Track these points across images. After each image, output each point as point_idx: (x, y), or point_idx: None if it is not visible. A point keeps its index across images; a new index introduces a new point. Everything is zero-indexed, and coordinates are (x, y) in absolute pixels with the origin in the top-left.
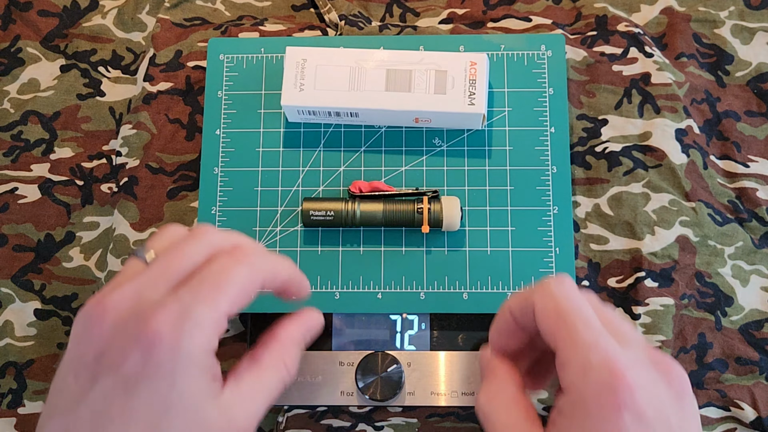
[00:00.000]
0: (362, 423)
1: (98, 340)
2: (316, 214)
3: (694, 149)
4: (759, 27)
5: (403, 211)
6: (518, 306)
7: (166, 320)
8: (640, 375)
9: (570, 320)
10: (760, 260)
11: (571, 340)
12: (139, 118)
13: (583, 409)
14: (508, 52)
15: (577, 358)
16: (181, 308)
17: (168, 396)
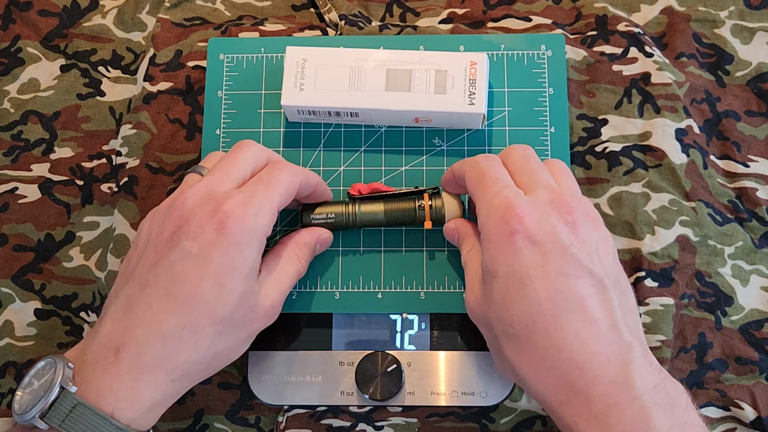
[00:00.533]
0: (362, 423)
1: (178, 218)
2: (317, 218)
3: (694, 149)
4: (759, 27)
5: (405, 209)
6: (457, 170)
7: (236, 203)
8: (531, 208)
9: (483, 180)
10: (760, 260)
11: (482, 192)
12: (139, 117)
13: (487, 240)
14: (508, 51)
15: (485, 204)
16: (245, 198)
17: (235, 260)
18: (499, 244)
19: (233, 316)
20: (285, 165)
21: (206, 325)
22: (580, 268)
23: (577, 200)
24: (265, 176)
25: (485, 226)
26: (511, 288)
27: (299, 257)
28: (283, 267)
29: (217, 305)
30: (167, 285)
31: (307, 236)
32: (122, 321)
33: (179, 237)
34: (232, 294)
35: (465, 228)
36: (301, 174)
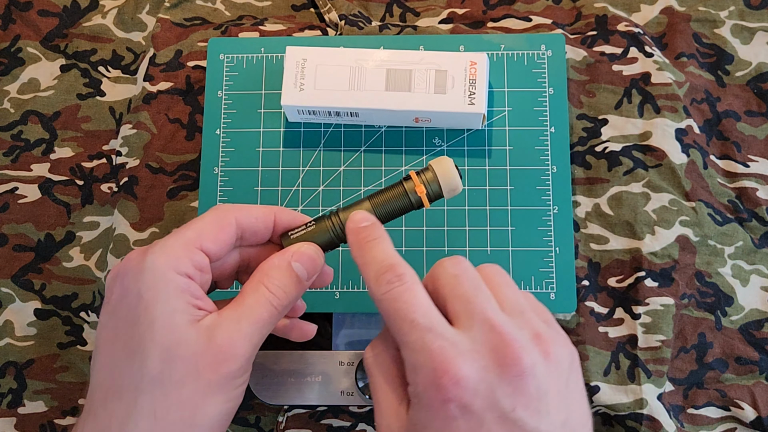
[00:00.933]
0: (362, 423)
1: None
2: (294, 232)
3: (694, 149)
4: (759, 27)
5: (395, 197)
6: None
7: (135, 252)
8: (468, 366)
9: (401, 318)
10: (760, 260)
11: (402, 341)
12: (139, 117)
13: (418, 404)
14: (508, 51)
15: (408, 359)
16: (149, 246)
17: (137, 310)
18: (430, 409)
19: (162, 373)
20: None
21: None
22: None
23: (524, 333)
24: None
25: (413, 383)
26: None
27: (267, 285)
28: (242, 301)
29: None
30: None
31: (276, 258)
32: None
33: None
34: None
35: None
36: (237, 208)
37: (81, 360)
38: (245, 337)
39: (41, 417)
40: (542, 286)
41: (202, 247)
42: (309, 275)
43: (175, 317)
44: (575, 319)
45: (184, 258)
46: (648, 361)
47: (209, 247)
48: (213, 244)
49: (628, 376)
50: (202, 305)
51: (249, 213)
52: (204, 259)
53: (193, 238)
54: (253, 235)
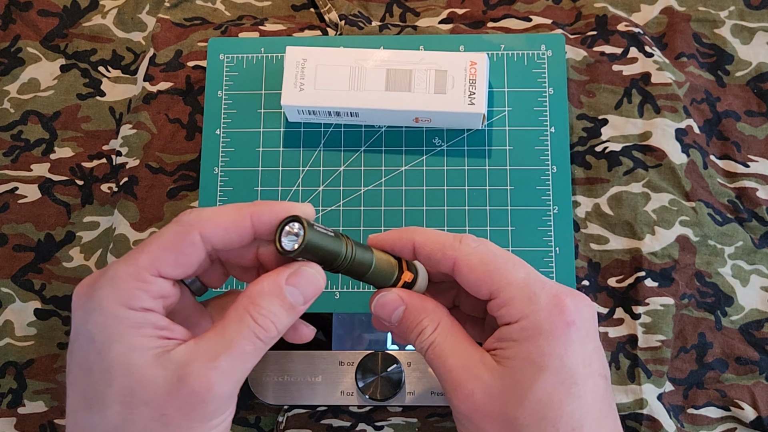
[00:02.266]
0: (362, 423)
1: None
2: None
3: (694, 149)
4: (759, 27)
5: (388, 273)
6: (431, 257)
7: (84, 283)
8: (573, 298)
9: (500, 266)
10: (760, 260)
11: (508, 281)
12: (139, 117)
13: (536, 330)
14: (508, 51)
15: (521, 293)
16: (101, 272)
17: (90, 355)
18: (554, 335)
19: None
20: (178, 218)
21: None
22: (608, 370)
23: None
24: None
25: (530, 315)
26: (560, 386)
27: (252, 315)
28: (222, 333)
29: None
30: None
31: (267, 282)
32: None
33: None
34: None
35: (419, 303)
36: (199, 217)
37: None
38: (223, 375)
39: (41, 417)
40: None
41: (159, 273)
42: (306, 300)
43: (133, 358)
44: None
45: (135, 291)
46: (648, 361)
47: (169, 272)
48: (173, 268)
49: (628, 376)
50: (169, 334)
51: (217, 225)
52: (164, 287)
53: (147, 265)
54: (228, 247)
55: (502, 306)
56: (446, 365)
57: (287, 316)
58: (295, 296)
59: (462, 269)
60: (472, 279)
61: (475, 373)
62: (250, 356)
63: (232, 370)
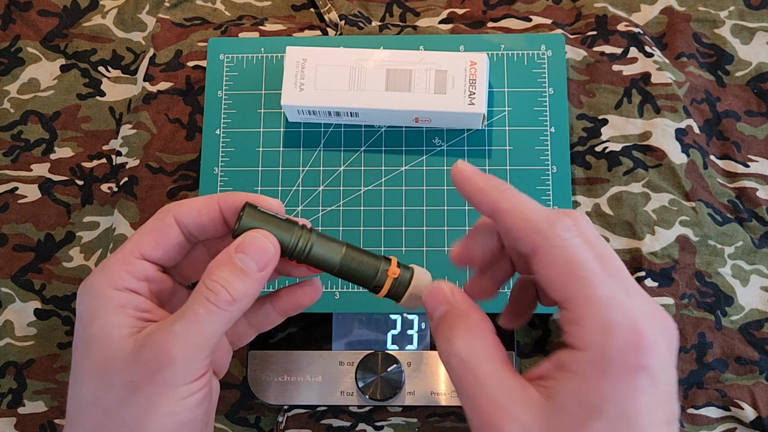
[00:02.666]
0: (362, 423)
1: None
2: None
3: (694, 149)
4: (759, 27)
5: (367, 264)
6: (510, 232)
7: (90, 275)
8: (655, 333)
9: (583, 275)
10: (760, 260)
11: (586, 296)
12: (139, 117)
13: (602, 367)
14: (508, 51)
15: (597, 316)
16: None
17: (78, 332)
18: (621, 377)
19: (99, 392)
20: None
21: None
22: (675, 412)
23: (663, 310)
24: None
25: (600, 347)
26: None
27: (206, 282)
28: (186, 303)
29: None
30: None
31: (221, 254)
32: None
33: None
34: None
35: (464, 307)
36: (179, 207)
37: None
38: (177, 337)
39: (41, 417)
40: None
41: (143, 256)
42: (260, 266)
43: (112, 333)
44: None
45: (121, 272)
46: None
47: (151, 254)
48: (154, 249)
49: None
50: (150, 317)
51: (189, 208)
52: (148, 268)
53: (131, 249)
54: (202, 232)
55: (571, 323)
56: (477, 395)
57: (240, 281)
58: (246, 262)
59: (541, 261)
60: (549, 276)
61: (511, 412)
62: (203, 319)
63: (187, 332)
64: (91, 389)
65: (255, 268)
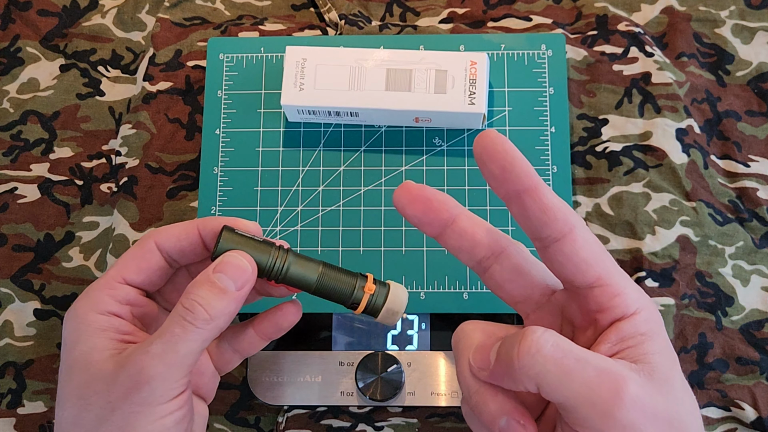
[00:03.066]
0: (362, 423)
1: None
2: (227, 240)
3: (694, 149)
4: (759, 26)
5: (343, 281)
6: (540, 221)
7: (75, 301)
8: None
9: (610, 255)
10: (761, 260)
11: (618, 271)
12: (138, 117)
13: (658, 323)
14: (509, 51)
15: (631, 285)
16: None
17: (63, 356)
18: (662, 333)
19: (80, 414)
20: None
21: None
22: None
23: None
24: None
25: (648, 306)
26: (683, 378)
27: (183, 301)
28: (165, 325)
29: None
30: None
31: (200, 275)
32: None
33: None
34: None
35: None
36: (159, 232)
37: None
38: (154, 357)
39: (41, 417)
40: None
41: (125, 281)
42: (238, 285)
43: (93, 355)
44: None
45: (104, 296)
46: None
47: (134, 279)
48: (136, 274)
49: None
50: (131, 339)
51: (169, 234)
52: (130, 293)
53: (113, 275)
54: (183, 256)
55: (615, 295)
56: (587, 371)
57: (218, 299)
58: (224, 281)
59: (578, 240)
60: (584, 256)
61: (624, 374)
62: (179, 338)
63: (164, 352)
64: (72, 411)
65: (233, 287)
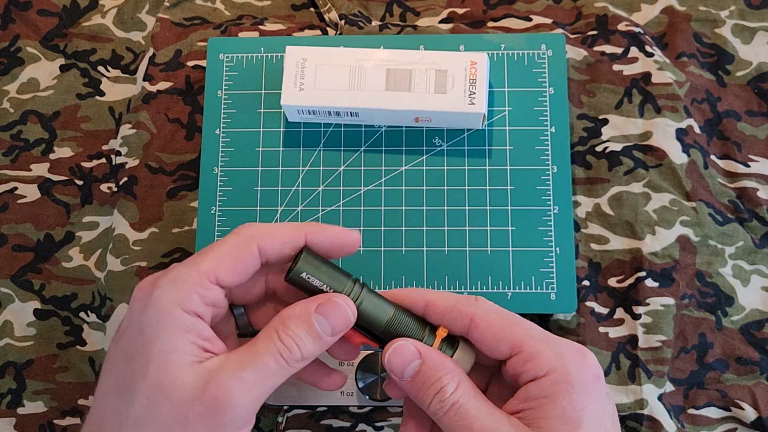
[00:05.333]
0: (362, 423)
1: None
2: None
3: (694, 149)
4: (759, 26)
5: (413, 329)
6: (445, 315)
7: (147, 280)
8: (587, 350)
9: (518, 321)
10: (761, 260)
11: (531, 335)
12: (138, 117)
13: (568, 384)
14: (509, 51)
15: (546, 347)
16: (164, 272)
17: (136, 345)
18: (586, 389)
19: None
20: (239, 228)
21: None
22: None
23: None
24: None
25: (560, 369)
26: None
27: (281, 335)
28: (251, 350)
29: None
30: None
31: (299, 307)
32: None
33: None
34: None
35: (438, 358)
36: (260, 231)
37: (80, 360)
38: (246, 386)
39: (41, 417)
40: (542, 286)
41: (217, 280)
42: (334, 332)
43: (173, 357)
44: (575, 319)
45: (194, 294)
46: (648, 362)
47: (225, 280)
48: (230, 276)
49: (628, 377)
50: (209, 347)
51: (275, 239)
52: (218, 295)
53: (207, 270)
54: (280, 261)
55: (527, 360)
56: (473, 430)
57: (313, 343)
58: (323, 325)
59: (480, 324)
60: (491, 335)
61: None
62: (273, 373)
63: (255, 383)
64: (140, 410)
65: (330, 332)
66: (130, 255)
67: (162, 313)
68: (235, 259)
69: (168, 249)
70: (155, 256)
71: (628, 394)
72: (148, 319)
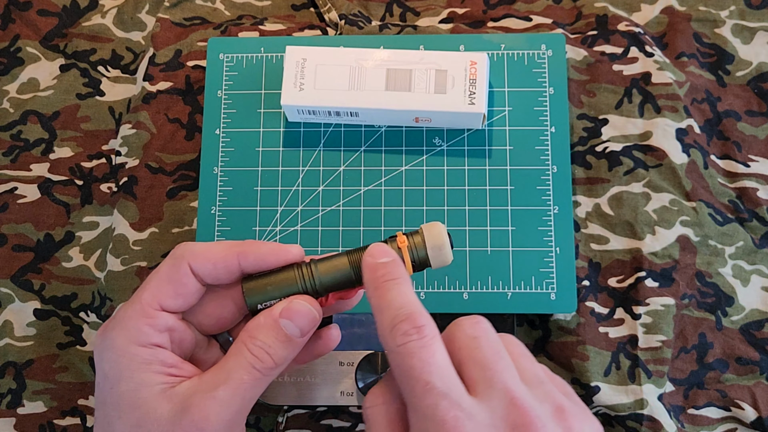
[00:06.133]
0: (362, 423)
1: None
2: (258, 300)
3: (694, 149)
4: (759, 26)
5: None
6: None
7: (100, 329)
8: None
9: (410, 382)
10: (761, 260)
11: (411, 403)
12: (138, 117)
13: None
14: (509, 51)
15: (416, 424)
16: (112, 317)
17: (105, 390)
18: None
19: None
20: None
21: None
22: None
23: (545, 408)
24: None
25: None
26: None
27: (251, 347)
28: (225, 364)
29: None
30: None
31: (263, 316)
32: None
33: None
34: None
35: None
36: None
37: (80, 360)
38: (221, 404)
39: (40, 417)
40: (542, 286)
41: (161, 307)
42: (303, 332)
43: (141, 392)
44: (575, 319)
45: (143, 327)
46: (648, 362)
47: (170, 305)
48: (173, 299)
49: (628, 377)
50: (177, 372)
51: (205, 258)
52: (169, 320)
53: (149, 300)
54: (217, 281)
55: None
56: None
57: (283, 347)
58: (290, 328)
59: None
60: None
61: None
62: (248, 386)
63: (231, 400)
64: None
65: (298, 334)
66: (130, 255)
67: (119, 354)
68: (173, 282)
69: (168, 249)
70: (155, 256)
71: (628, 394)
72: (108, 365)
